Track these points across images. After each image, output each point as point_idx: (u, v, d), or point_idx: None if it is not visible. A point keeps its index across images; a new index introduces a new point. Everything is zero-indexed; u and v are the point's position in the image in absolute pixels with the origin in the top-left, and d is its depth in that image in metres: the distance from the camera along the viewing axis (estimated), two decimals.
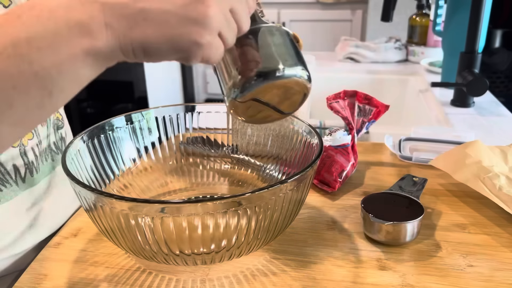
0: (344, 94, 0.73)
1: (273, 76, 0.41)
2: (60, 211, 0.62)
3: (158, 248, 0.45)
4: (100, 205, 0.44)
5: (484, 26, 1.05)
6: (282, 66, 0.41)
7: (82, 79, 0.34)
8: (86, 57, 0.32)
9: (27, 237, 0.57)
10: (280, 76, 0.41)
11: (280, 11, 2.92)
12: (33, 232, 0.57)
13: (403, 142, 0.81)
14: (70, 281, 0.49)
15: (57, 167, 0.63)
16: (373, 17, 2.60)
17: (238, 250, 0.47)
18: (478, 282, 0.48)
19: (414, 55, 1.56)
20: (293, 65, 0.42)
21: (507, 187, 0.58)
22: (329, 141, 0.69)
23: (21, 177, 0.57)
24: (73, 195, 0.65)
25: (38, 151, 0.58)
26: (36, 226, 0.58)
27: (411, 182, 0.64)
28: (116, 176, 0.60)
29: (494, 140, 0.88)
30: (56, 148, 0.63)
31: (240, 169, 0.69)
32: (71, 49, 0.32)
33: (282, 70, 0.41)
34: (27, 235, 0.57)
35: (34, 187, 0.58)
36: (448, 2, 1.19)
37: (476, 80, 0.98)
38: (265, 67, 0.41)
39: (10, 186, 0.55)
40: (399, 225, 0.52)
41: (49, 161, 0.61)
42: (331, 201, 0.64)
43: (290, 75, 0.41)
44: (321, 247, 0.54)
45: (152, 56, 0.35)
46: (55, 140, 0.63)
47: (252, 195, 0.43)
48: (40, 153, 0.59)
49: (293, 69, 0.41)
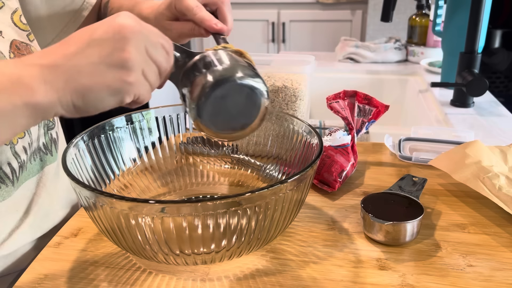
0: (344, 94, 0.73)
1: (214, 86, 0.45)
2: (50, 212, 0.62)
3: (158, 248, 0.45)
4: (100, 205, 0.44)
5: (484, 26, 1.06)
6: (212, 78, 0.45)
7: (17, 127, 0.38)
8: (25, 108, 0.37)
9: (16, 237, 0.57)
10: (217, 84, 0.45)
11: (280, 11, 2.92)
12: (21, 232, 0.57)
13: (403, 142, 0.81)
14: (70, 281, 0.49)
15: (45, 167, 0.63)
16: (373, 17, 2.60)
17: (238, 250, 0.47)
18: (477, 282, 0.48)
19: (414, 55, 1.56)
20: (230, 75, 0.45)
21: (506, 187, 0.58)
22: (329, 141, 0.69)
23: (17, 177, 0.57)
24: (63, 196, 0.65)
25: (30, 151, 0.58)
26: (24, 226, 0.58)
27: (411, 182, 0.64)
28: (116, 176, 0.60)
29: (494, 140, 0.88)
30: (45, 149, 0.63)
31: (240, 169, 0.69)
32: (12, 100, 0.36)
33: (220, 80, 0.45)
34: (15, 235, 0.57)
35: (21, 186, 0.58)
36: (448, 2, 1.19)
37: (476, 80, 0.98)
38: (207, 81, 0.45)
39: (5, 187, 0.55)
40: (398, 225, 0.52)
41: (37, 161, 0.61)
42: (331, 201, 0.65)
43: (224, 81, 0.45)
44: (321, 247, 0.54)
45: (90, 103, 0.40)
46: (44, 141, 0.62)
47: (252, 195, 0.43)
48: (30, 153, 0.59)
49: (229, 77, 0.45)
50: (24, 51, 0.58)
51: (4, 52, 0.55)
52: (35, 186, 0.60)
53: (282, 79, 0.75)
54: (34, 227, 0.59)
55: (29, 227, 0.58)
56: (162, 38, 0.44)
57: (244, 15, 2.98)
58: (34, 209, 0.59)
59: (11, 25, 0.58)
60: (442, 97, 1.14)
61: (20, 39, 0.58)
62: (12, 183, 0.56)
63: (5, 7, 0.58)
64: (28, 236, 0.58)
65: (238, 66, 0.46)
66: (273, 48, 3.01)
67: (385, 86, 1.48)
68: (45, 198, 0.61)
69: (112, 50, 0.39)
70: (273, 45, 3.00)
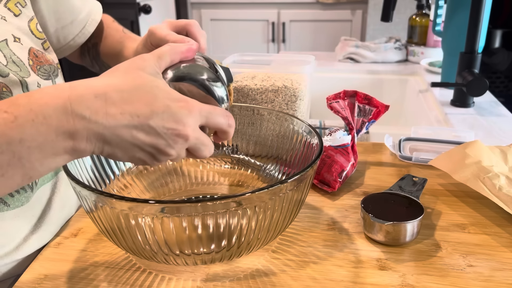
0: (344, 94, 0.73)
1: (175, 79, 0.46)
2: (62, 216, 0.62)
3: (158, 248, 0.45)
4: (100, 205, 0.44)
5: (484, 26, 1.06)
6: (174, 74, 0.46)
7: (56, 167, 0.40)
8: (65, 154, 0.39)
9: (31, 242, 0.57)
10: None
11: (280, 11, 2.92)
12: (36, 237, 0.57)
13: (403, 142, 0.81)
14: (70, 281, 0.49)
15: (59, 172, 0.63)
16: (373, 17, 2.60)
17: (238, 250, 0.47)
18: (478, 282, 0.48)
19: (414, 55, 1.56)
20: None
21: (507, 187, 0.58)
22: (329, 141, 0.69)
23: (36, 182, 0.57)
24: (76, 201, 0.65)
25: None
26: (39, 231, 0.58)
27: (411, 182, 0.64)
28: (116, 176, 0.60)
29: (494, 140, 0.88)
30: None
31: (240, 169, 0.69)
32: (55, 150, 0.38)
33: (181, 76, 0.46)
34: (30, 240, 0.57)
35: (38, 191, 0.58)
36: (448, 2, 1.19)
37: (476, 80, 0.98)
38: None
39: (24, 192, 0.55)
40: (399, 225, 0.52)
41: None
42: (331, 201, 0.64)
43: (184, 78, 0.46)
44: (321, 247, 0.54)
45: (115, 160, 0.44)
46: None
47: (252, 195, 0.43)
48: None
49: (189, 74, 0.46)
50: (41, 59, 0.59)
51: (23, 59, 0.56)
52: (50, 192, 0.61)
53: (282, 79, 0.75)
54: (48, 232, 0.59)
55: (43, 232, 0.58)
56: (207, 140, 0.44)
57: (244, 15, 2.98)
58: (49, 214, 0.60)
59: (28, 33, 0.59)
60: (442, 97, 1.14)
61: (36, 47, 0.59)
62: (31, 189, 0.56)
63: (22, 14, 0.59)
64: (42, 241, 0.58)
65: (203, 69, 0.47)
66: (273, 48, 3.01)
67: (385, 86, 1.48)
68: (59, 203, 0.61)
69: (160, 150, 0.41)
70: (273, 45, 3.01)
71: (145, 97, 0.40)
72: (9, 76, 0.53)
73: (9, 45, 0.55)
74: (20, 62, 0.55)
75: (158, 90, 0.40)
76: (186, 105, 0.41)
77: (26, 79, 0.54)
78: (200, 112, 0.42)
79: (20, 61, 0.55)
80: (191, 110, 0.41)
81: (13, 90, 0.53)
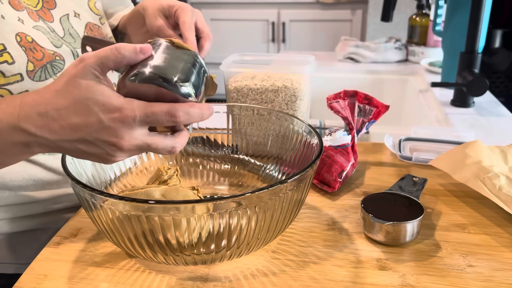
0: (344, 94, 0.73)
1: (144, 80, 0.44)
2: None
3: (158, 248, 0.45)
4: (100, 205, 0.44)
5: (484, 26, 1.05)
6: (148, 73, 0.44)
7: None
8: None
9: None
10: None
11: (280, 11, 2.92)
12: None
13: (403, 142, 0.81)
14: (70, 281, 0.49)
15: None
16: (373, 17, 2.60)
17: (238, 250, 0.47)
18: (478, 282, 0.48)
19: (414, 55, 1.56)
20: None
21: (507, 187, 0.58)
22: (329, 141, 0.69)
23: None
24: None
25: None
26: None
27: (411, 182, 0.64)
28: (116, 176, 0.60)
29: (494, 140, 0.88)
30: None
31: (240, 169, 0.69)
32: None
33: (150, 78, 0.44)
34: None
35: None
36: (448, 2, 1.19)
37: (476, 80, 0.98)
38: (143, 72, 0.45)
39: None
40: (399, 225, 0.52)
41: None
42: (331, 201, 0.64)
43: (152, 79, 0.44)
44: (321, 247, 0.54)
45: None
46: None
47: (252, 195, 0.43)
48: None
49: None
50: (95, 32, 0.70)
51: (80, 32, 0.67)
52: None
53: (282, 79, 0.75)
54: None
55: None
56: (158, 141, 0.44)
57: (244, 15, 2.98)
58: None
59: (87, 9, 0.70)
60: (442, 97, 1.14)
61: (93, 22, 0.71)
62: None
63: None
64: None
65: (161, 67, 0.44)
66: (273, 48, 3.01)
67: (385, 86, 1.48)
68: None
69: (103, 157, 0.44)
70: (273, 45, 3.01)
71: (81, 111, 0.42)
72: (62, 47, 0.63)
73: (70, 19, 0.67)
74: (76, 35, 0.67)
75: (92, 103, 0.41)
76: (120, 116, 0.41)
77: (77, 49, 0.65)
78: (138, 117, 0.41)
79: (76, 33, 0.67)
80: (124, 120, 0.41)
81: (66, 59, 0.63)
